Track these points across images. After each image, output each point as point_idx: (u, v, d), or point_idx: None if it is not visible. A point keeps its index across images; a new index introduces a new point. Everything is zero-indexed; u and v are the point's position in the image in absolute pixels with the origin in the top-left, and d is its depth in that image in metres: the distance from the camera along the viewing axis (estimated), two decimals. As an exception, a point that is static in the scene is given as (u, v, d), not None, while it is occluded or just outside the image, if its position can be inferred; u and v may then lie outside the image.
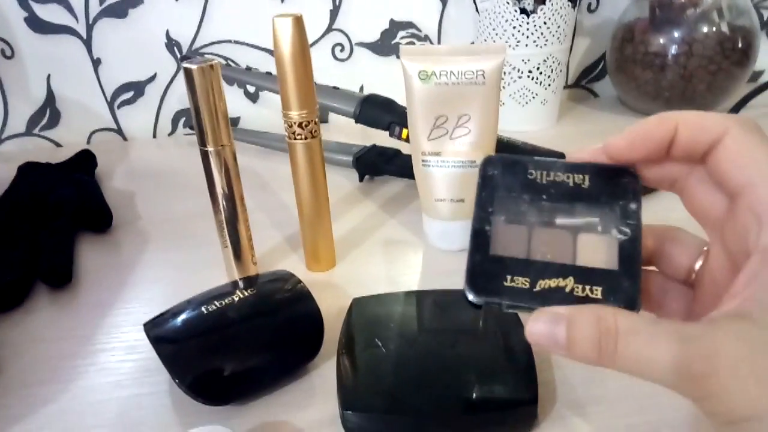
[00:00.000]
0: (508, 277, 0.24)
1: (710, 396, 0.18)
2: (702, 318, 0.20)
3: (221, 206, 0.39)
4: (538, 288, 0.24)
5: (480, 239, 0.25)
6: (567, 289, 0.24)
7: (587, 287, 0.24)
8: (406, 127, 0.52)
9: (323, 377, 0.34)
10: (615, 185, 0.26)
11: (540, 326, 0.21)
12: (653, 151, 0.24)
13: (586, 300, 0.23)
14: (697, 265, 0.25)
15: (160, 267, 0.46)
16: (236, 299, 0.34)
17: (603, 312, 0.20)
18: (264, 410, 0.32)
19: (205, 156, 0.38)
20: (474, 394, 0.29)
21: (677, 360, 0.18)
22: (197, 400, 0.30)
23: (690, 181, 0.24)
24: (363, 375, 0.31)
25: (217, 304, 0.34)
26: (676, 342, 0.18)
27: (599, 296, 0.23)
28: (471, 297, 0.24)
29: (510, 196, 0.26)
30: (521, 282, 0.24)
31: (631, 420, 0.30)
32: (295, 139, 0.39)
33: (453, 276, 0.43)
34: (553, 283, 0.24)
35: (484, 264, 0.25)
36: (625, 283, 0.24)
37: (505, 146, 0.51)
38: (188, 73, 0.35)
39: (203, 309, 0.33)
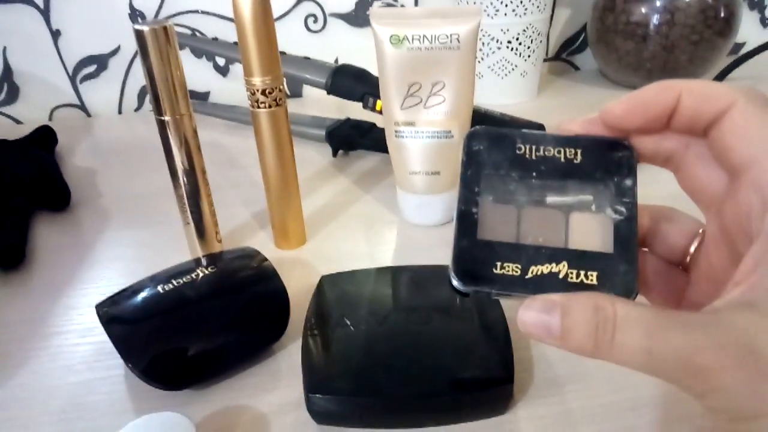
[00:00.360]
0: (498, 264, 0.23)
1: (715, 391, 0.17)
2: (704, 307, 0.18)
3: (181, 180, 0.37)
4: (530, 275, 0.23)
5: (466, 222, 0.24)
6: (560, 275, 0.22)
7: (582, 272, 0.22)
8: (381, 99, 0.50)
9: (290, 359, 0.32)
10: (609, 160, 0.24)
11: (532, 315, 0.20)
12: (652, 120, 0.22)
13: (581, 287, 0.22)
14: (693, 247, 0.23)
15: (121, 246, 0.44)
16: (196, 277, 0.32)
17: (600, 299, 0.19)
18: (226, 394, 0.30)
19: (162, 126, 0.35)
20: (447, 374, 0.27)
21: (681, 352, 0.17)
22: (152, 386, 0.29)
23: (687, 157, 0.23)
24: (330, 356, 0.29)
25: (174, 282, 0.32)
26: (680, 332, 0.17)
27: (594, 282, 0.22)
28: (458, 285, 0.23)
29: (497, 174, 0.25)
30: (512, 269, 0.23)
31: (608, 398, 0.29)
32: (258, 107, 0.37)
33: (429, 251, 0.41)
34: (545, 268, 0.23)
35: (472, 249, 0.23)
36: (622, 268, 0.22)
37: (482, 117, 0.49)
38: (140, 35, 0.33)
39: (159, 288, 0.31)
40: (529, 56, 0.65)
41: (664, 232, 0.24)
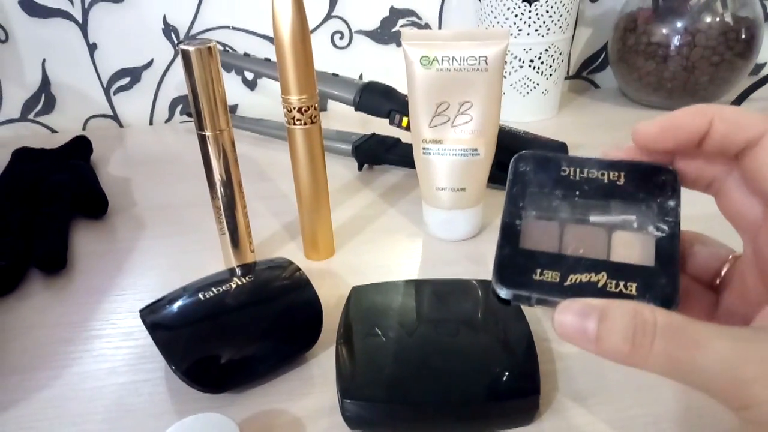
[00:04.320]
0: (538, 271, 0.24)
1: (759, 405, 0.17)
2: (734, 326, 0.19)
3: (219, 192, 0.39)
4: (568, 282, 0.23)
5: (509, 233, 0.25)
6: (599, 284, 0.23)
7: (621, 283, 0.23)
8: (407, 115, 0.52)
9: (322, 366, 0.33)
10: (652, 182, 0.25)
11: (569, 317, 0.20)
12: (684, 142, 0.23)
13: (619, 296, 0.22)
14: (724, 270, 0.24)
15: (156, 254, 0.45)
16: (234, 286, 0.34)
17: (640, 306, 0.19)
18: (261, 398, 0.31)
19: (202, 141, 0.37)
20: (475, 384, 0.29)
21: (726, 363, 0.17)
22: (193, 388, 0.30)
23: (728, 183, 0.23)
24: (362, 364, 0.30)
25: (214, 290, 0.33)
26: (727, 344, 0.18)
27: (634, 292, 0.22)
28: (499, 290, 0.24)
29: (542, 192, 0.26)
30: (551, 276, 0.23)
31: (632, 412, 0.30)
32: (294, 124, 0.39)
33: (453, 266, 0.42)
34: (584, 277, 0.23)
35: (514, 257, 0.24)
36: (663, 280, 0.23)
37: (506, 135, 0.50)
38: (185, 55, 0.35)
39: (200, 295, 0.33)
40: (550, 75, 0.67)
41: (697, 254, 0.25)
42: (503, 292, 0.24)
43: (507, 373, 0.29)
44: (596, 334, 0.19)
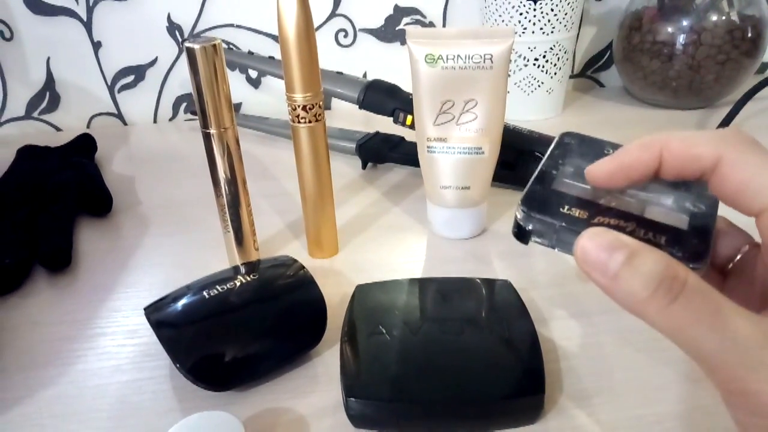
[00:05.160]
0: (566, 206, 0.23)
1: (758, 393, 0.17)
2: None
3: (223, 190, 0.39)
4: (596, 221, 0.22)
5: (543, 177, 0.25)
6: (627, 230, 0.22)
7: (650, 233, 0.21)
8: (411, 114, 0.52)
9: (326, 365, 0.33)
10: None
11: (594, 244, 0.19)
12: (637, 180, 0.23)
13: (648, 243, 0.21)
14: (739, 256, 0.24)
15: (160, 252, 0.45)
16: (238, 284, 0.34)
17: (674, 261, 0.18)
18: (266, 397, 0.31)
19: (207, 138, 0.37)
20: (480, 382, 0.29)
21: (741, 340, 0.17)
22: (198, 385, 0.30)
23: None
24: (367, 362, 0.30)
25: (218, 288, 0.33)
26: (748, 323, 0.17)
27: (662, 243, 0.21)
28: (522, 218, 0.23)
29: (582, 160, 0.25)
30: (579, 213, 0.23)
31: (636, 412, 0.29)
32: (299, 122, 0.38)
33: (457, 264, 0.42)
34: (613, 221, 0.22)
35: (544, 193, 0.24)
36: (694, 240, 0.22)
37: (510, 134, 0.50)
38: (191, 52, 0.35)
39: (205, 293, 0.33)
40: (555, 73, 0.66)
41: (716, 237, 0.24)
42: (526, 221, 0.23)
43: (512, 372, 0.29)
44: (616, 271, 0.18)
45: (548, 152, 0.26)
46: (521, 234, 0.24)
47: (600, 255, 0.19)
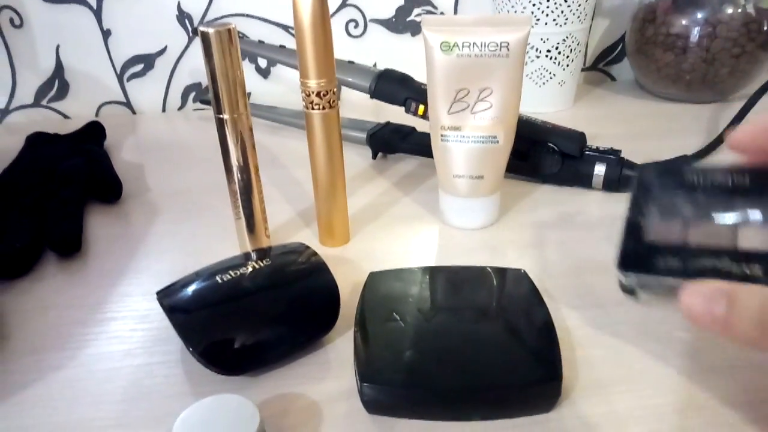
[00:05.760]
0: (660, 258, 0.25)
1: None
2: None
3: (236, 177, 0.38)
4: (691, 267, 0.24)
5: (632, 229, 0.26)
6: (722, 268, 0.23)
7: (744, 265, 0.23)
8: (423, 104, 0.51)
9: (338, 351, 0.33)
10: None
11: (697, 300, 0.20)
12: None
13: (744, 279, 0.22)
14: None
15: (170, 238, 0.45)
16: (250, 269, 0.34)
17: None
18: (278, 382, 0.31)
19: (220, 124, 0.37)
20: (496, 369, 0.28)
21: None
22: (211, 369, 0.30)
23: None
24: (381, 348, 0.30)
25: (231, 274, 0.33)
26: None
27: (760, 274, 0.22)
28: (623, 278, 0.25)
29: (665, 195, 0.27)
30: (674, 262, 0.24)
31: (654, 401, 0.29)
32: (312, 109, 0.38)
33: (469, 254, 0.42)
34: (708, 262, 0.24)
35: (637, 248, 0.26)
36: None
37: (524, 124, 0.50)
38: (205, 37, 0.34)
39: (217, 278, 0.33)
40: (567, 65, 0.66)
41: None
42: (627, 279, 0.24)
43: (527, 359, 0.29)
44: (725, 319, 0.19)
45: (631, 197, 0.28)
46: (628, 291, 0.26)
47: (704, 310, 0.20)
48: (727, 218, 0.25)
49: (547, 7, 0.62)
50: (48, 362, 0.33)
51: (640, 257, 0.25)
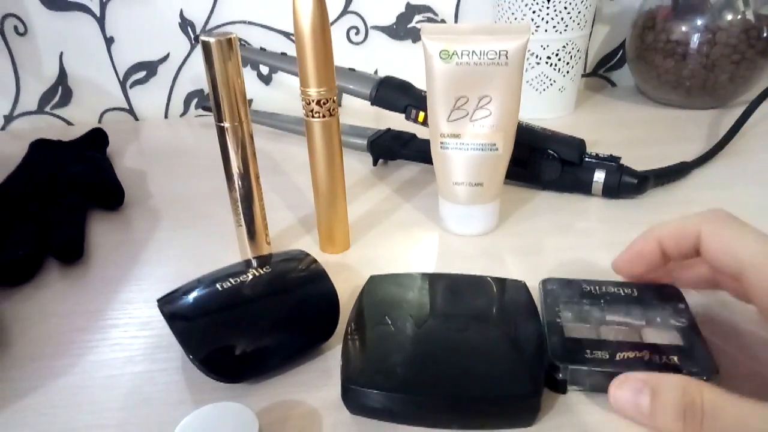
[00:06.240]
0: (588, 351, 0.28)
1: None
2: None
3: (236, 184, 0.39)
4: (618, 358, 0.27)
5: (554, 328, 0.30)
6: (645, 359, 0.27)
7: (664, 356, 0.27)
8: (423, 111, 0.52)
9: (338, 358, 0.33)
10: (660, 293, 0.32)
11: (624, 393, 0.22)
12: (652, 264, 0.30)
13: (666, 367, 0.26)
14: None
15: (172, 245, 0.46)
16: (251, 277, 0.34)
17: (688, 383, 0.20)
18: (278, 389, 0.31)
19: (221, 132, 0.37)
20: (477, 381, 0.28)
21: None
22: (210, 377, 0.30)
23: (719, 276, 0.29)
24: (367, 350, 0.30)
25: (231, 281, 0.33)
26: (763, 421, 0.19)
27: (678, 362, 0.27)
28: (557, 370, 0.28)
29: (572, 302, 0.32)
30: (601, 354, 0.28)
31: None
32: (312, 117, 0.38)
33: (468, 261, 0.42)
34: (631, 354, 0.28)
35: (564, 343, 0.29)
36: (698, 353, 0.27)
37: (523, 131, 0.50)
38: (206, 46, 0.35)
39: (218, 286, 0.33)
40: (567, 72, 0.66)
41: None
42: (561, 372, 0.28)
43: (510, 372, 0.28)
44: (650, 410, 0.21)
45: (540, 302, 0.33)
46: (556, 385, 0.28)
47: (630, 401, 0.22)
48: (629, 322, 0.30)
49: (547, 14, 0.62)
50: (49, 369, 0.33)
51: (570, 351, 0.28)
